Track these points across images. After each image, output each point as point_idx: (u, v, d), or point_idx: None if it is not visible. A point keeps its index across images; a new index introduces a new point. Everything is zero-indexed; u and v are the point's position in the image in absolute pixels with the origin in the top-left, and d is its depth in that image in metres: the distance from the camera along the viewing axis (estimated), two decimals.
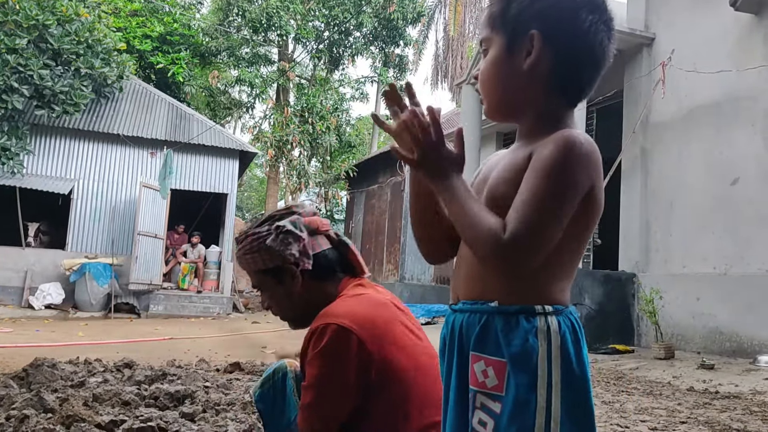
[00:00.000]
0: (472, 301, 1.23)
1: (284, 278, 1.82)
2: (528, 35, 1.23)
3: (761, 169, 7.25)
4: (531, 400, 1.13)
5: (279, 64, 20.00)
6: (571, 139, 1.15)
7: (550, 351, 1.14)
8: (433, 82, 29.73)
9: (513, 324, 1.16)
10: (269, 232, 1.82)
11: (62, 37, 11.90)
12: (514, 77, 1.26)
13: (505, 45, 1.26)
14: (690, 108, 8.17)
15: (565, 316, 1.19)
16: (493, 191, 1.25)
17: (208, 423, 3.03)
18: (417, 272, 16.70)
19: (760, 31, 7.45)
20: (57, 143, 13.56)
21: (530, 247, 1.10)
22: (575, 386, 1.15)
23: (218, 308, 13.48)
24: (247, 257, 1.83)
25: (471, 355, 1.20)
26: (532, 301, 1.17)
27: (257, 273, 1.85)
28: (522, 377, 1.14)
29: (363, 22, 19.31)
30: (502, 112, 1.32)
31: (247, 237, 1.85)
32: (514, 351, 1.15)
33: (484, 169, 1.38)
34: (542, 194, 1.11)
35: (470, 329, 1.21)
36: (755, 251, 7.18)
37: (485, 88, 1.30)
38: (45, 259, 12.97)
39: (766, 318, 6.89)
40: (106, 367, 4.73)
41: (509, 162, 1.26)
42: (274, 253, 1.80)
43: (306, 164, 18.71)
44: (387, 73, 21.25)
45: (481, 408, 1.17)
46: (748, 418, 4.09)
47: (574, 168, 1.13)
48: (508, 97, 1.29)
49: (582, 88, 1.28)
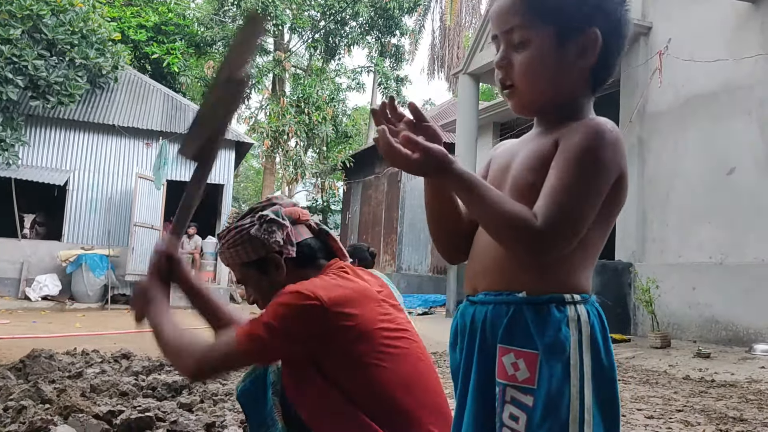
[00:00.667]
0: (495, 292, 1.20)
1: (269, 269, 1.81)
2: (586, 31, 1.19)
3: (757, 158, 7.26)
4: (565, 392, 1.11)
5: (275, 54, 19.92)
6: (601, 126, 1.14)
7: (581, 341, 1.13)
8: (430, 72, 29.67)
9: (545, 314, 1.14)
10: (252, 223, 1.82)
11: (56, 27, 11.82)
12: (561, 73, 1.21)
13: (556, 38, 1.19)
14: (687, 97, 8.17)
15: (591, 305, 1.17)
16: (518, 180, 1.22)
17: (205, 413, 3.03)
18: (414, 262, 16.73)
19: (756, 20, 7.44)
20: (52, 134, 13.50)
21: (564, 234, 1.09)
22: (604, 376, 1.15)
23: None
24: (231, 251, 1.83)
25: (499, 348, 1.17)
26: (560, 290, 1.15)
27: (241, 267, 1.85)
28: (556, 368, 1.12)
29: (359, 11, 19.22)
30: (537, 106, 1.27)
31: (229, 231, 1.85)
32: (547, 341, 1.13)
33: (498, 159, 1.34)
34: (574, 181, 1.10)
35: (496, 321, 1.18)
36: (751, 240, 7.21)
37: (526, 83, 1.22)
38: (41, 250, 12.95)
39: (761, 307, 6.92)
40: (103, 357, 4.73)
41: (534, 150, 1.23)
42: (258, 243, 1.80)
43: (302, 155, 18.66)
44: (383, 62, 21.18)
45: (511, 402, 1.14)
46: (744, 406, 4.11)
47: (605, 155, 1.12)
48: (550, 91, 1.23)
49: (610, 78, 1.27)
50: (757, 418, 3.75)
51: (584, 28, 1.19)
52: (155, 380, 3.59)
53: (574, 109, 1.23)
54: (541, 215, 1.08)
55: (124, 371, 4.17)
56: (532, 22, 1.20)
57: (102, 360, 4.63)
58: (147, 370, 4.18)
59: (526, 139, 1.30)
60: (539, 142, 1.23)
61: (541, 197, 1.10)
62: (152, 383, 3.55)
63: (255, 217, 1.84)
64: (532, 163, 1.21)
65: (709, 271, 7.60)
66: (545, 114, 1.27)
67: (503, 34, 1.24)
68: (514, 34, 1.21)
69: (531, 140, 1.28)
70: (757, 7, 7.42)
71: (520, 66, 1.21)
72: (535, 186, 1.16)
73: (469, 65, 11.56)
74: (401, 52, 22.04)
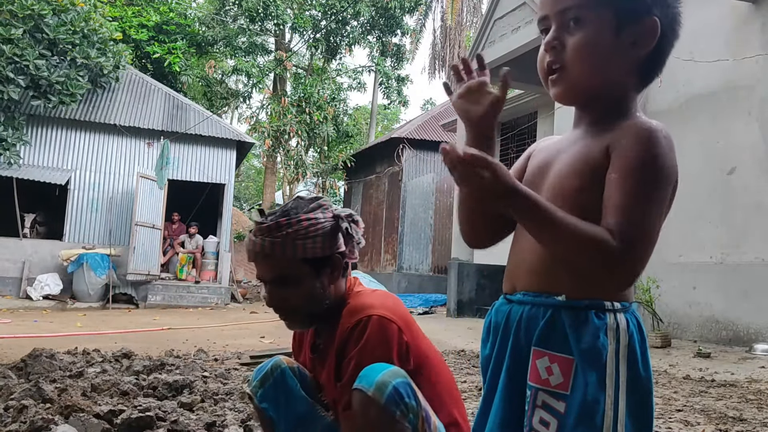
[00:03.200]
0: (534, 293, 1.18)
1: (324, 270, 1.70)
2: (645, 19, 1.16)
3: (758, 158, 7.26)
4: (600, 400, 1.09)
5: (276, 53, 19.95)
6: (653, 131, 1.11)
7: (618, 350, 1.11)
8: (431, 71, 29.64)
9: (582, 320, 1.12)
10: (327, 220, 1.70)
11: (58, 26, 11.84)
12: (615, 60, 1.17)
13: (614, 23, 1.15)
14: (687, 97, 8.17)
15: (631, 314, 1.15)
16: (562, 183, 1.19)
17: (206, 413, 3.04)
18: (415, 262, 16.72)
19: (757, 20, 7.43)
20: (53, 134, 13.52)
21: (643, 248, 1.06)
22: (640, 387, 1.12)
23: (216, 298, 13.49)
24: (298, 242, 1.65)
25: (533, 351, 1.15)
26: (600, 297, 1.13)
27: (296, 261, 1.66)
28: (591, 376, 1.09)
29: (360, 11, 19.23)
30: (584, 95, 1.21)
31: (299, 221, 1.66)
32: (584, 348, 1.10)
33: (537, 155, 1.31)
34: (642, 194, 1.07)
35: (532, 323, 1.16)
36: (751, 240, 7.20)
37: (578, 65, 1.17)
38: (43, 249, 12.96)
39: (762, 306, 6.92)
40: (104, 357, 4.74)
41: (580, 153, 1.19)
42: (333, 241, 1.70)
43: (303, 154, 18.69)
44: (384, 62, 21.19)
45: (542, 407, 1.12)
46: (744, 406, 4.12)
47: (666, 163, 1.09)
48: (600, 77, 1.18)
49: (659, 73, 1.25)
50: (757, 417, 3.76)
51: (643, 16, 1.16)
52: (156, 380, 3.60)
53: (621, 103, 1.20)
54: (618, 233, 1.04)
55: (125, 371, 4.18)
56: (590, 2, 1.16)
57: (103, 359, 4.65)
58: (148, 369, 4.19)
59: (571, 139, 1.26)
60: (586, 144, 1.19)
61: (611, 214, 1.07)
62: (153, 383, 3.55)
63: (327, 214, 1.71)
64: (578, 166, 1.17)
65: (709, 271, 7.60)
66: (591, 105, 1.23)
67: (557, 15, 1.19)
68: (569, 14, 1.17)
69: (577, 141, 1.23)
70: (758, 7, 7.42)
71: (573, 47, 1.17)
72: (581, 191, 1.14)
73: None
74: (402, 52, 22.05)
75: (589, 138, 1.20)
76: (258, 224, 1.71)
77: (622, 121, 1.15)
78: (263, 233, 1.67)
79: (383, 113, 36.47)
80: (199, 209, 15.45)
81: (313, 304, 1.71)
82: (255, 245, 1.69)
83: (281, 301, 1.72)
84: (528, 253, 1.21)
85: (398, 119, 37.70)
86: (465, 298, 11.14)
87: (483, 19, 11.71)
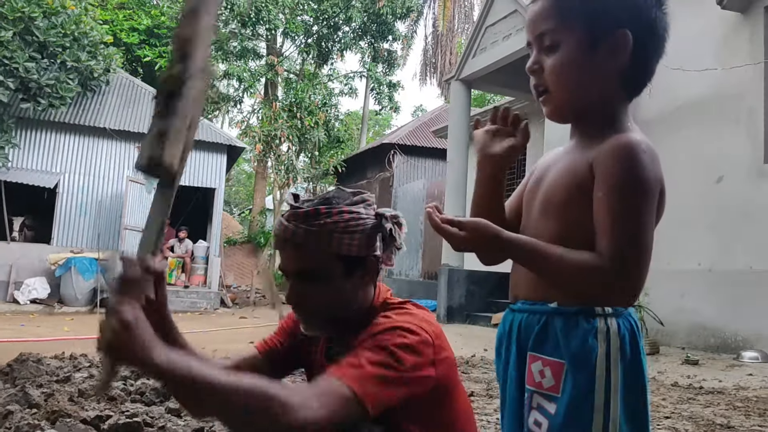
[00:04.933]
0: (531, 302, 1.23)
1: (356, 272, 1.52)
2: (615, 33, 1.18)
3: (746, 166, 7.32)
4: (587, 401, 1.12)
5: (267, 58, 19.93)
6: (632, 146, 1.13)
7: (609, 352, 1.14)
8: (422, 77, 29.75)
9: (572, 324, 1.16)
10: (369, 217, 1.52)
11: (48, 29, 11.78)
12: (593, 75, 1.20)
13: (586, 41, 1.19)
14: (676, 105, 8.22)
15: (624, 318, 1.18)
16: (550, 197, 1.24)
17: (194, 419, 3.02)
18: (405, 268, 16.73)
19: (746, 30, 7.50)
20: (42, 137, 13.44)
21: (633, 261, 1.10)
22: (633, 389, 1.15)
23: (205, 303, 13.44)
24: (335, 236, 1.46)
25: (529, 355, 1.20)
26: (591, 303, 1.16)
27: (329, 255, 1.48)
28: (580, 378, 1.13)
29: (352, 16, 19.27)
30: (572, 113, 1.26)
31: (341, 211, 1.48)
32: (573, 351, 1.15)
33: (537, 171, 1.35)
34: (625, 210, 1.11)
35: (529, 329, 1.22)
36: (739, 248, 7.25)
37: (558, 86, 1.22)
38: (30, 253, 12.87)
39: (749, 314, 6.96)
40: (91, 362, 4.71)
41: (566, 166, 1.23)
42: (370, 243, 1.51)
43: (294, 159, 18.64)
44: (376, 68, 21.22)
45: (537, 408, 1.17)
46: (732, 413, 4.13)
47: (646, 175, 1.12)
48: (582, 94, 1.22)
49: (648, 82, 1.27)
50: (744, 425, 3.77)
51: (613, 30, 1.18)
52: (144, 385, 3.57)
53: (609, 116, 1.23)
54: (606, 254, 1.09)
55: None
56: (562, 25, 1.20)
57: (90, 364, 4.61)
58: (135, 374, 4.16)
59: (562, 152, 1.31)
60: (574, 158, 1.23)
61: (601, 236, 1.11)
62: (141, 388, 3.53)
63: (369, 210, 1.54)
64: (564, 180, 1.22)
65: (698, 278, 7.64)
66: (581, 121, 1.27)
67: (535, 39, 1.25)
68: (545, 39, 1.22)
69: (568, 153, 1.28)
70: (746, 17, 7.49)
71: (550, 68, 1.22)
72: (567, 205, 1.19)
73: (462, 71, 11.59)
74: (394, 58, 22.09)
75: (578, 151, 1.24)
76: (293, 208, 1.51)
77: (609, 134, 1.18)
78: (298, 219, 1.48)
79: (374, 119, 36.52)
80: (188, 213, 15.40)
81: (338, 307, 1.53)
82: (286, 231, 1.49)
83: (304, 297, 1.53)
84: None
85: (389, 125, 37.79)
86: (455, 304, 11.14)
87: (474, 26, 11.76)
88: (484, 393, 4.51)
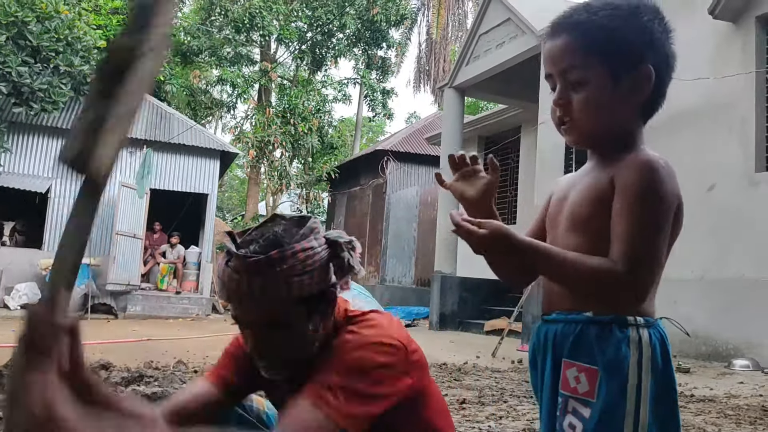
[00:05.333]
0: (566, 312, 1.28)
1: (317, 307, 1.42)
2: (639, 68, 1.25)
3: (737, 175, 7.36)
4: (620, 406, 1.18)
5: (261, 64, 19.95)
6: (652, 163, 1.21)
7: (640, 361, 1.19)
8: (416, 84, 29.81)
9: (606, 333, 1.21)
10: (322, 248, 1.41)
11: (41, 34, 11.74)
12: (618, 108, 1.27)
13: (612, 77, 1.25)
14: (669, 114, 8.21)
15: (654, 328, 1.24)
16: (576, 212, 1.30)
17: None
18: (398, 275, 16.72)
19: (738, 39, 7.56)
20: (35, 141, 13.38)
21: (647, 269, 1.16)
22: (663, 397, 1.21)
23: (197, 309, 13.38)
24: (293, 279, 1.35)
25: (564, 362, 1.25)
26: (623, 313, 1.22)
27: (289, 303, 1.38)
28: (613, 384, 1.18)
29: (346, 23, 19.32)
30: (594, 140, 1.33)
31: (295, 253, 1.35)
32: (607, 358, 1.20)
33: (558, 192, 1.41)
34: (642, 220, 1.18)
35: (565, 338, 1.26)
36: (731, 256, 7.28)
37: (584, 118, 1.27)
38: (21, 258, 12.79)
39: (741, 322, 6.99)
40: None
41: (590, 184, 1.29)
42: (326, 275, 1.41)
43: (287, 165, 18.65)
44: (370, 75, 21.25)
45: (572, 412, 1.23)
46: (723, 421, 4.14)
47: (664, 189, 1.20)
48: (606, 125, 1.29)
49: (662, 105, 1.35)
50: None
51: (637, 66, 1.25)
52: (134, 391, 3.55)
53: (627, 139, 1.30)
54: (621, 260, 1.15)
55: (103, 382, 4.12)
56: (588, 62, 1.25)
57: None
58: (126, 381, 4.14)
59: (583, 173, 1.37)
60: (595, 176, 1.30)
61: (616, 243, 1.17)
62: (131, 394, 3.51)
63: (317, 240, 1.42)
64: (589, 195, 1.28)
65: (689, 286, 7.66)
66: (600, 146, 1.33)
67: (559, 75, 1.29)
68: (571, 74, 1.27)
69: (587, 173, 1.34)
70: (738, 27, 7.55)
71: (578, 104, 1.26)
72: (592, 218, 1.25)
73: (455, 79, 11.63)
74: (388, 65, 22.16)
75: (598, 170, 1.31)
76: (241, 258, 1.35)
77: (626, 154, 1.26)
78: (249, 271, 1.34)
79: (368, 125, 36.56)
80: (181, 219, 15.36)
81: (304, 349, 1.44)
82: (238, 285, 1.35)
83: (267, 347, 1.42)
84: None
85: (383, 132, 37.81)
86: (447, 311, 11.13)
87: (468, 34, 11.81)
88: (476, 400, 4.50)
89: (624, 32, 1.25)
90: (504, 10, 10.29)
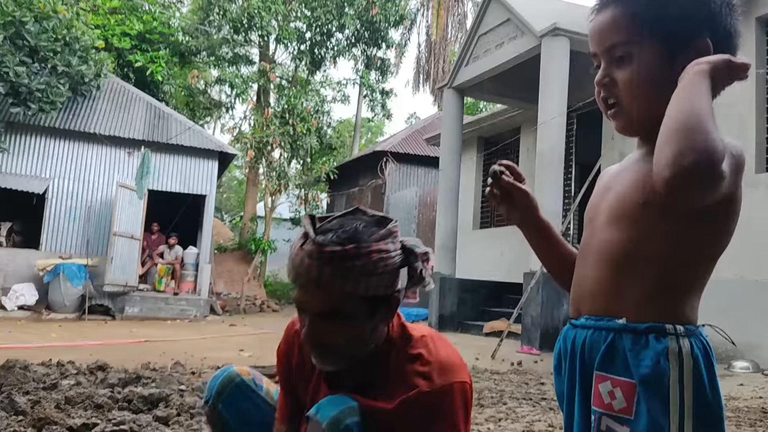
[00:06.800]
0: (596, 317, 1.17)
1: (380, 309, 1.44)
2: (696, 43, 1.12)
3: None
4: (664, 427, 1.06)
5: (260, 64, 19.92)
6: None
7: (682, 375, 1.07)
8: (415, 85, 29.81)
9: (642, 344, 1.09)
10: (397, 253, 1.42)
11: (39, 34, 11.72)
12: (667, 86, 1.09)
13: (661, 52, 1.13)
14: None
15: (696, 337, 1.12)
16: (625, 198, 1.17)
17: (182, 427, 2.98)
18: None
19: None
20: (32, 141, 13.35)
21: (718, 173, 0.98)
22: (708, 413, 1.08)
23: (195, 310, 13.35)
24: (363, 278, 1.37)
25: (596, 375, 1.13)
26: (662, 319, 1.10)
27: (353, 299, 1.39)
28: (654, 402, 1.07)
29: (345, 23, 19.30)
30: (644, 125, 1.18)
31: (370, 252, 1.37)
32: (644, 373, 1.08)
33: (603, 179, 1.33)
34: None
35: (594, 347, 1.15)
36: (729, 258, 7.24)
37: (633, 100, 1.16)
38: (18, 259, 12.76)
39: (740, 324, 6.98)
40: (79, 369, 4.65)
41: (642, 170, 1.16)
42: (396, 281, 1.42)
43: (286, 166, 18.62)
44: (369, 75, 21.25)
45: (606, 431, 1.11)
46: None
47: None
48: (657, 108, 1.09)
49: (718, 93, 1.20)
50: None
51: (693, 40, 1.13)
52: (131, 393, 3.53)
53: None
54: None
55: (100, 383, 4.10)
56: (636, 37, 1.14)
57: (77, 371, 4.56)
58: (123, 382, 4.12)
59: (634, 159, 1.25)
60: (642, 167, 1.17)
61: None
62: (128, 396, 3.49)
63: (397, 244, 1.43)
64: (641, 182, 1.15)
65: None
66: (652, 134, 1.15)
67: (604, 52, 1.19)
68: (616, 51, 1.16)
69: (639, 160, 1.21)
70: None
71: (624, 83, 1.16)
72: (642, 205, 1.13)
73: (455, 79, 11.62)
74: (387, 65, 22.15)
75: (647, 161, 1.16)
76: (317, 245, 1.38)
77: None
78: (322, 259, 1.36)
79: (367, 126, 36.58)
80: (179, 220, 15.32)
81: (359, 346, 1.45)
82: (309, 270, 1.38)
83: (323, 337, 1.43)
84: (589, 278, 1.21)
85: (382, 132, 37.84)
86: (446, 313, 11.12)
87: (467, 35, 11.80)
88: (475, 402, 4.49)
89: (680, 2, 1.12)
90: (504, 11, 10.28)
